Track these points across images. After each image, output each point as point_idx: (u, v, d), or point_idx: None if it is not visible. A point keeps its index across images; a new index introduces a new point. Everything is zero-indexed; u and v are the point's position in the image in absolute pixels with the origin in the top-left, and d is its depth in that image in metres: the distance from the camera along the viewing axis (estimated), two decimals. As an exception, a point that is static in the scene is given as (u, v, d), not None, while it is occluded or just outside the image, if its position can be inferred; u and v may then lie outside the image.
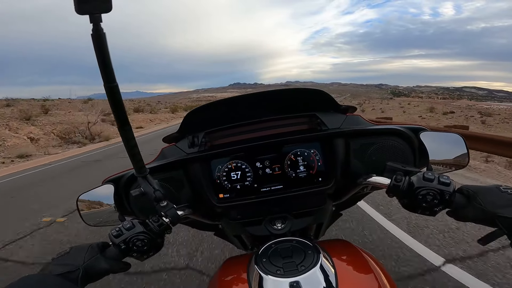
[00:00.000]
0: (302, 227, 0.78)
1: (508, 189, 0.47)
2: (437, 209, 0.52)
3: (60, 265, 0.47)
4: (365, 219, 2.71)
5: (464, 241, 2.16)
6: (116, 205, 0.75)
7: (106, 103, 0.76)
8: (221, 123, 0.83)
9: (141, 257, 0.55)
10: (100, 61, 0.39)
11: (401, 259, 1.99)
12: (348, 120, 0.80)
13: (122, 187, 0.76)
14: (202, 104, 0.80)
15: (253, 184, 0.78)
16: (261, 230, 0.77)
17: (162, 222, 0.56)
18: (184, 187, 0.78)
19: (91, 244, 0.53)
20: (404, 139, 0.75)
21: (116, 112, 0.45)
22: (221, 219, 0.84)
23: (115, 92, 0.43)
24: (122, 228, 0.54)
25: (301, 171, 0.78)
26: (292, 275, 0.50)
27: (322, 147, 0.78)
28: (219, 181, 0.78)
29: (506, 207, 0.45)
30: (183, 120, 0.80)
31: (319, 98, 0.82)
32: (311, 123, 0.82)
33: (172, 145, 0.84)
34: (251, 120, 0.83)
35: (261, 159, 0.78)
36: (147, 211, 0.67)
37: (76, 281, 0.46)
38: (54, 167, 7.68)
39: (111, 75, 0.41)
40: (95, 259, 0.50)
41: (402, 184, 0.55)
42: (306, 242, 0.59)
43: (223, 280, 0.63)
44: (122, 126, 0.47)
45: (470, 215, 0.50)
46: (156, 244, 0.56)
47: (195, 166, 0.76)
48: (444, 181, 0.51)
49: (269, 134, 0.82)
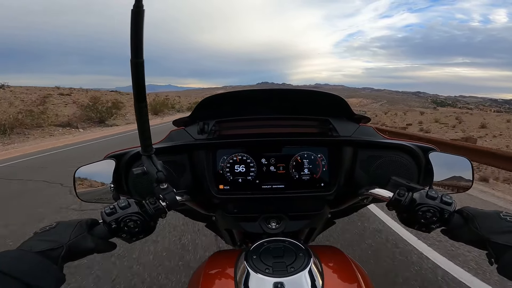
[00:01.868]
0: (295, 230, 0.78)
1: (508, 216, 0.48)
2: (434, 226, 0.54)
3: (43, 240, 0.45)
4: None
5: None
6: (114, 183, 0.74)
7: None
8: (233, 114, 0.83)
9: (130, 239, 0.54)
10: (134, 36, 0.40)
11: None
12: (360, 130, 0.80)
13: (124, 164, 0.75)
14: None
15: (255, 180, 0.78)
16: (254, 227, 0.77)
17: (158, 205, 0.56)
18: (186, 172, 0.78)
19: (80, 221, 0.51)
20: (413, 156, 0.75)
21: (137, 87, 0.45)
22: (216, 211, 0.84)
23: (140, 68, 0.43)
24: (116, 206, 0.53)
25: (305, 174, 0.77)
26: (280, 276, 0.50)
27: (329, 153, 0.77)
28: (222, 172, 0.78)
29: (500, 234, 0.46)
30: (196, 105, 0.80)
31: (335, 103, 0.80)
32: (322, 127, 0.81)
33: (181, 129, 0.83)
34: (264, 116, 0.83)
35: (267, 156, 0.77)
36: (143, 193, 0.68)
37: (57, 259, 0.44)
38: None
39: (140, 51, 0.42)
40: (81, 237, 0.48)
41: (404, 199, 0.56)
42: (299, 245, 0.59)
43: (208, 273, 0.63)
44: (138, 101, 0.47)
45: (464, 237, 0.51)
46: (148, 227, 0.55)
47: (201, 153, 0.76)
48: (447, 200, 0.53)
49: (279, 132, 0.82)
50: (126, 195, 0.76)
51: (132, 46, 0.41)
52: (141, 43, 0.41)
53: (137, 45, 0.41)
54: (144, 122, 0.50)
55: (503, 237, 0.45)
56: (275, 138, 0.78)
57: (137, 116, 0.49)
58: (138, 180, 0.74)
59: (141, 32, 0.40)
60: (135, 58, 0.42)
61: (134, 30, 0.40)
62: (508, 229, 0.46)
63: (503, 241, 0.44)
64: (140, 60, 0.43)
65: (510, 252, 0.43)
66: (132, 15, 0.39)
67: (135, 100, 0.47)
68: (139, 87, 0.45)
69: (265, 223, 0.77)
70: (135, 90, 0.46)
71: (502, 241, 0.45)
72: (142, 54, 0.42)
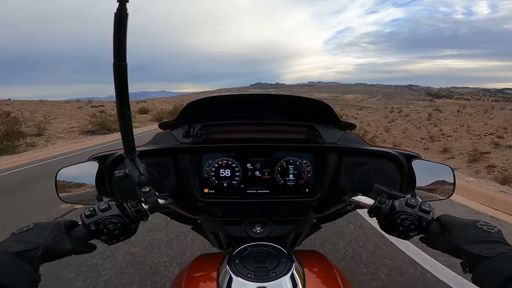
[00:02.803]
0: (280, 234, 0.79)
1: (485, 226, 0.49)
2: (412, 234, 0.54)
3: (19, 241, 0.45)
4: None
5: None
6: (97, 185, 0.73)
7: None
8: (219, 118, 0.83)
9: (109, 241, 0.54)
10: (117, 40, 0.40)
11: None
12: (346, 137, 0.81)
13: (107, 166, 0.75)
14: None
15: (240, 184, 0.77)
16: (239, 231, 0.77)
17: (140, 208, 0.56)
18: (170, 176, 0.77)
19: (58, 222, 0.51)
20: (396, 164, 0.76)
21: (120, 90, 0.45)
22: (201, 214, 0.84)
23: (123, 71, 0.44)
24: (96, 209, 0.52)
25: (290, 179, 0.78)
26: (262, 281, 0.50)
27: (314, 159, 0.78)
28: (207, 176, 0.77)
29: (474, 243, 0.46)
30: (182, 109, 0.80)
31: (321, 110, 0.81)
32: (308, 133, 0.82)
33: (167, 132, 0.83)
34: (250, 121, 0.83)
35: (252, 160, 0.77)
36: (127, 195, 0.66)
37: (33, 260, 0.44)
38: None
39: (123, 55, 0.42)
40: (59, 238, 0.48)
41: (384, 207, 0.57)
42: (282, 249, 0.59)
43: (191, 276, 0.63)
44: (121, 104, 0.47)
45: (440, 245, 0.52)
46: (129, 229, 0.55)
47: (186, 156, 0.76)
48: (425, 208, 0.53)
49: (265, 138, 0.82)
50: (110, 197, 0.76)
51: (114, 49, 0.41)
52: (124, 46, 0.41)
53: (120, 48, 0.41)
54: (127, 125, 0.50)
55: (477, 247, 0.45)
56: (260, 143, 0.79)
57: (119, 119, 0.49)
58: (122, 182, 0.73)
59: (124, 35, 0.41)
60: (117, 61, 0.42)
61: (117, 33, 0.40)
62: (483, 239, 0.46)
63: (477, 251, 0.45)
64: (123, 64, 0.43)
65: (483, 262, 0.43)
66: (116, 18, 0.39)
67: (118, 103, 0.47)
68: (121, 90, 0.45)
69: (250, 227, 0.77)
70: (118, 93, 0.46)
71: (476, 251, 0.45)
72: (125, 57, 0.43)
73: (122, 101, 0.47)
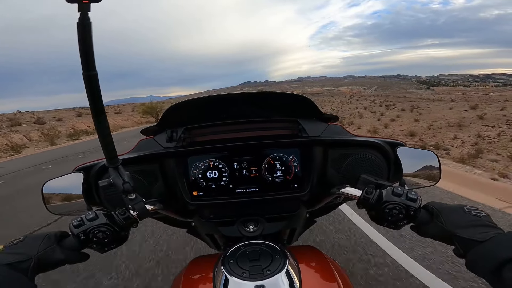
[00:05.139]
0: (274, 231, 0.78)
1: (472, 210, 0.48)
2: (402, 223, 0.54)
3: (11, 253, 0.45)
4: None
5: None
6: (84, 195, 0.73)
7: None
8: (202, 120, 0.82)
9: (101, 249, 0.54)
10: (82, 50, 0.40)
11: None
12: (329, 129, 0.80)
13: (93, 176, 0.74)
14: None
15: (229, 184, 0.77)
16: (233, 231, 0.76)
17: (128, 215, 0.56)
18: (158, 181, 0.77)
19: (48, 233, 0.51)
20: (381, 152, 0.76)
21: (93, 100, 0.44)
22: (193, 217, 0.83)
23: (93, 81, 0.43)
24: (84, 218, 0.53)
25: (277, 176, 0.77)
26: (257, 279, 0.50)
27: (301, 154, 0.78)
28: (195, 179, 0.77)
29: (464, 228, 0.46)
30: (163, 113, 0.78)
31: (303, 104, 0.81)
32: (292, 128, 0.82)
33: (150, 138, 0.82)
34: (233, 120, 0.82)
35: (239, 160, 0.77)
36: (116, 203, 0.65)
37: (26, 271, 0.44)
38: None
39: (92, 64, 0.41)
40: (50, 249, 0.49)
41: (372, 197, 0.56)
42: (275, 247, 0.59)
43: (188, 278, 0.63)
44: (97, 115, 0.46)
45: (431, 232, 0.51)
46: (119, 237, 0.55)
47: (171, 161, 0.75)
48: (412, 197, 0.53)
49: (249, 136, 0.81)
50: (99, 206, 0.75)
51: (82, 59, 0.40)
52: (91, 55, 0.41)
53: (87, 57, 0.41)
54: (106, 134, 0.49)
55: (467, 231, 0.45)
56: (244, 142, 0.78)
57: (97, 130, 0.48)
58: (109, 191, 0.72)
59: (90, 44, 0.40)
60: (86, 71, 0.42)
61: (82, 43, 0.39)
62: (472, 223, 0.46)
63: (468, 235, 0.45)
64: (93, 73, 0.42)
65: (476, 247, 0.43)
66: (78, 28, 0.38)
67: (93, 114, 0.46)
68: (95, 100, 0.44)
69: (243, 227, 0.76)
70: (91, 103, 0.44)
71: (467, 235, 0.45)
72: (94, 66, 0.42)
73: (97, 111, 0.46)
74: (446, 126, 13.67)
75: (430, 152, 0.76)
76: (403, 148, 0.74)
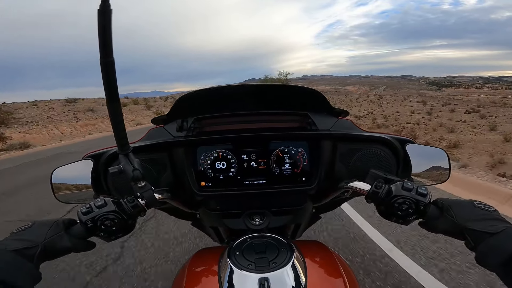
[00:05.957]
0: (280, 225, 0.78)
1: (482, 205, 0.49)
2: (411, 218, 0.53)
3: (18, 240, 0.45)
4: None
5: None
6: (93, 183, 0.73)
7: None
8: (212, 110, 0.82)
9: (108, 237, 0.54)
10: (102, 36, 0.40)
11: None
12: (339, 123, 0.80)
13: (102, 164, 0.74)
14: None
15: (237, 176, 0.77)
16: (239, 224, 0.76)
17: (137, 203, 0.55)
18: (166, 171, 0.77)
19: (56, 220, 0.51)
20: (391, 148, 0.75)
21: (108, 87, 0.45)
22: (199, 208, 0.83)
23: (110, 67, 0.43)
24: (92, 206, 0.52)
25: (286, 169, 0.77)
26: (263, 271, 0.50)
27: (309, 147, 0.78)
28: (203, 169, 0.77)
29: (475, 221, 0.46)
30: (174, 103, 0.79)
31: (313, 98, 0.81)
32: (302, 122, 0.82)
33: (160, 127, 0.83)
34: (243, 111, 0.82)
35: (247, 151, 0.77)
36: (124, 192, 0.65)
37: (32, 258, 0.44)
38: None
39: (110, 51, 0.42)
40: (58, 236, 0.48)
41: (381, 191, 0.56)
42: (281, 240, 0.59)
43: (192, 271, 0.63)
44: (111, 101, 0.46)
45: (441, 227, 0.51)
46: (127, 225, 0.55)
47: (180, 150, 0.75)
48: (422, 192, 0.52)
49: (259, 128, 0.81)
50: (107, 194, 0.74)
51: (100, 46, 0.41)
52: (110, 42, 0.41)
53: (105, 44, 0.41)
54: (119, 121, 0.49)
55: (479, 224, 0.45)
56: (254, 133, 0.78)
57: (111, 117, 0.48)
58: (117, 179, 0.71)
59: (109, 31, 0.40)
60: (104, 57, 0.42)
61: (101, 29, 0.40)
62: (483, 217, 0.46)
63: (479, 228, 0.45)
64: (110, 59, 0.42)
65: (487, 239, 0.43)
66: (99, 15, 0.39)
67: (108, 101, 0.46)
68: (110, 86, 0.45)
69: (249, 219, 0.76)
70: (107, 90, 0.45)
71: (479, 227, 0.45)
72: (112, 53, 0.42)
73: (111, 97, 0.46)
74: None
75: (440, 149, 0.75)
76: (413, 145, 0.74)
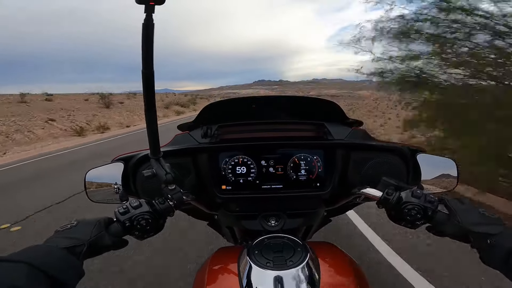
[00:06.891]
0: (293, 227, 0.82)
1: (485, 212, 0.52)
2: (419, 223, 0.57)
3: (66, 238, 0.47)
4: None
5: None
6: (122, 184, 0.77)
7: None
8: (235, 119, 0.87)
9: (141, 236, 0.56)
10: (145, 49, 0.43)
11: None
12: (353, 133, 0.84)
13: (131, 167, 0.78)
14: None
15: (256, 180, 0.81)
16: (255, 225, 0.80)
17: (167, 204, 0.58)
18: (190, 174, 0.81)
19: (99, 219, 0.53)
20: (402, 157, 0.79)
21: (148, 96, 0.48)
22: (218, 210, 0.87)
23: (150, 79, 0.46)
24: (129, 206, 0.55)
25: (302, 174, 0.82)
26: (280, 269, 0.53)
27: (325, 155, 0.82)
28: (224, 173, 0.82)
29: (479, 225, 0.49)
30: (200, 111, 0.84)
31: (330, 109, 0.85)
32: (318, 131, 0.86)
33: (186, 133, 0.87)
34: (264, 120, 0.87)
35: (266, 158, 0.81)
36: (150, 193, 0.71)
37: (79, 255, 0.46)
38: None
39: (150, 63, 0.45)
40: (100, 235, 0.51)
41: (392, 198, 0.59)
42: (296, 240, 0.62)
43: (212, 268, 0.66)
44: (148, 109, 0.50)
45: (448, 231, 0.54)
46: (158, 225, 0.58)
47: (204, 155, 0.80)
48: (430, 199, 0.56)
49: (278, 136, 0.86)
50: (134, 195, 0.79)
51: (143, 58, 0.44)
52: (151, 55, 0.44)
53: (147, 56, 0.44)
54: (153, 127, 0.52)
55: (483, 228, 0.49)
56: (273, 141, 0.82)
57: (147, 122, 0.52)
58: (146, 181, 0.76)
59: (151, 44, 0.43)
60: (145, 68, 0.45)
61: (144, 42, 0.42)
62: (486, 221, 0.50)
63: (482, 230, 0.48)
64: (150, 71, 0.46)
65: (489, 240, 0.47)
66: (143, 28, 0.41)
67: (145, 108, 0.50)
68: (149, 95, 0.48)
69: (265, 221, 0.80)
70: (146, 98, 0.49)
71: (482, 230, 0.48)
72: (152, 65, 0.45)
73: (149, 105, 0.49)
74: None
75: (449, 160, 0.77)
76: (424, 154, 0.77)
